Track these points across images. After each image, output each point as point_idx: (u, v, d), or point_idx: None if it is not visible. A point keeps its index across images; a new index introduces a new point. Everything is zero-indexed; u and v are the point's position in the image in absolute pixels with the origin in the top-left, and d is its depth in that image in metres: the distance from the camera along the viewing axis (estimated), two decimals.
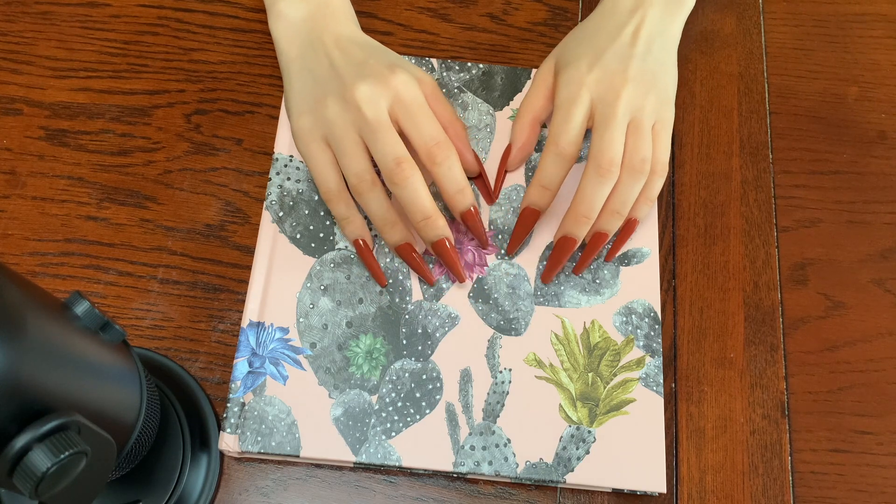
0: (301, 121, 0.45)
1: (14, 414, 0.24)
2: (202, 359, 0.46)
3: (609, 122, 0.43)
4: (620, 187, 0.44)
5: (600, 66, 0.45)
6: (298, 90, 0.46)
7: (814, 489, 0.45)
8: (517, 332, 0.46)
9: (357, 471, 0.44)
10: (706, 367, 0.47)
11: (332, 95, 0.44)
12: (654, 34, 0.47)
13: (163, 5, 0.55)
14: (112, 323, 0.31)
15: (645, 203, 0.46)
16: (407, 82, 0.44)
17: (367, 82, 0.43)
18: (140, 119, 0.52)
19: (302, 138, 0.45)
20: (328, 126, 0.44)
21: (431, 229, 0.43)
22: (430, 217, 0.43)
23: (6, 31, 0.54)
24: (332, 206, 0.45)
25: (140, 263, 0.48)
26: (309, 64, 0.46)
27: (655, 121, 0.45)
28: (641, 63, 0.45)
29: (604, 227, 0.45)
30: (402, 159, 0.42)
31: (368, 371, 0.44)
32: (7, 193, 0.49)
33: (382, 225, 0.44)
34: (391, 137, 0.43)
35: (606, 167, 0.43)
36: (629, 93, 0.44)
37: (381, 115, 0.43)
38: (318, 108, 0.44)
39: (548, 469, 0.42)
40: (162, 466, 0.41)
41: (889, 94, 0.55)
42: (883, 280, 0.50)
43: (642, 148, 0.44)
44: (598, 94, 0.44)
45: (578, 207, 0.44)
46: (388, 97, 0.43)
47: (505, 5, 0.57)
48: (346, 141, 0.43)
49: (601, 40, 0.46)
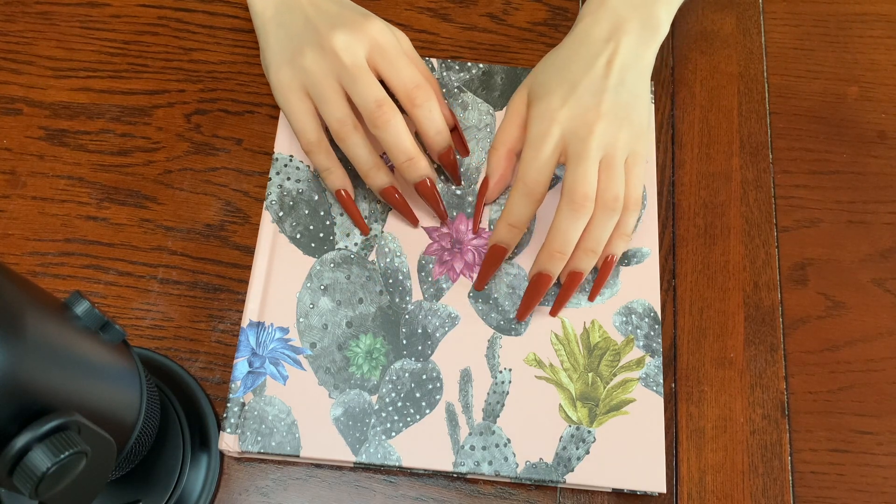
0: (280, 74, 0.46)
1: (14, 414, 0.24)
2: (202, 359, 0.46)
3: (582, 157, 0.43)
4: (594, 225, 0.43)
5: (573, 101, 0.44)
6: (274, 46, 0.47)
7: (814, 489, 0.45)
8: (517, 332, 0.46)
9: (357, 471, 0.44)
10: (706, 367, 0.47)
11: (309, 45, 0.45)
12: (628, 64, 0.45)
13: (163, 5, 0.55)
14: (112, 323, 0.31)
15: (620, 239, 0.45)
16: (383, 29, 0.45)
17: (344, 30, 0.44)
18: (140, 119, 0.52)
19: (281, 90, 0.46)
20: (307, 75, 0.44)
21: (414, 170, 0.44)
22: (413, 158, 0.44)
23: (6, 31, 0.54)
24: (313, 156, 0.46)
25: (140, 263, 0.48)
26: (284, 20, 0.47)
27: (628, 154, 0.44)
28: (615, 96, 0.44)
29: (578, 266, 0.44)
30: (383, 101, 0.43)
31: (368, 371, 0.44)
32: (7, 193, 0.49)
33: (367, 169, 0.45)
34: (370, 81, 0.43)
35: (580, 202, 0.42)
36: (602, 128, 0.43)
37: (360, 61, 0.44)
38: (296, 59, 0.45)
39: (548, 469, 0.42)
40: (162, 466, 0.41)
41: (889, 94, 0.55)
42: (883, 280, 0.50)
43: (614, 185, 0.43)
44: (571, 130, 0.44)
45: (553, 243, 0.43)
46: (366, 44, 0.44)
47: (505, 5, 0.57)
48: (326, 88, 0.44)
49: (574, 71, 0.45)
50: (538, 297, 0.45)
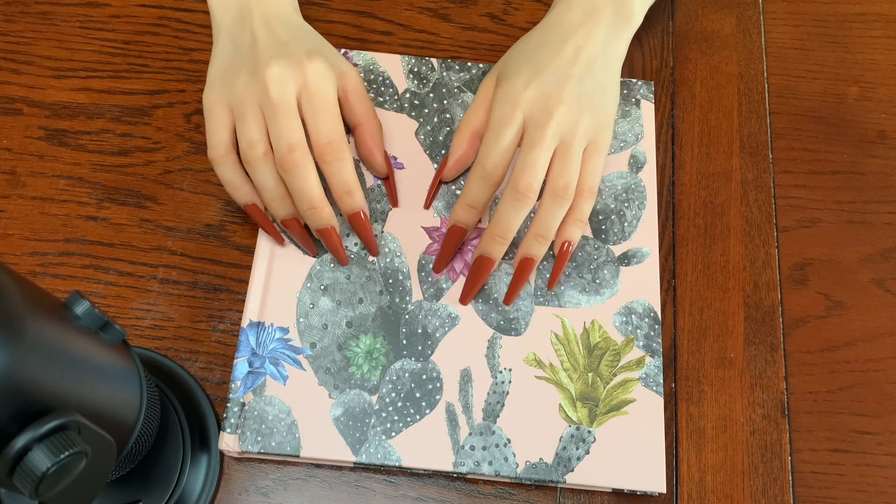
0: (213, 89, 0.45)
1: (14, 414, 0.24)
2: (202, 359, 0.46)
3: (535, 145, 0.43)
4: (542, 212, 0.43)
5: (536, 85, 0.44)
6: (219, 58, 0.46)
7: (814, 489, 0.45)
8: (517, 332, 0.46)
9: (357, 471, 0.44)
10: (706, 367, 0.47)
11: (246, 69, 0.44)
12: (596, 54, 0.45)
13: (163, 5, 0.55)
14: (112, 323, 0.31)
15: (574, 225, 0.45)
16: (320, 73, 0.44)
17: (281, 63, 0.43)
18: (140, 119, 0.52)
19: (207, 103, 0.45)
20: (234, 96, 0.44)
21: (317, 219, 0.44)
22: (317, 207, 0.43)
23: (6, 31, 0.54)
24: (218, 167, 0.44)
25: (140, 263, 0.48)
26: (235, 35, 0.46)
27: (588, 143, 0.44)
28: (579, 84, 0.44)
29: (529, 251, 0.44)
30: (296, 146, 0.42)
31: (368, 371, 0.44)
32: (7, 193, 0.49)
33: (270, 199, 0.44)
34: (290, 122, 0.42)
35: (523, 191, 0.42)
36: (561, 114, 0.43)
37: (286, 98, 0.43)
38: (230, 79, 0.44)
39: (548, 469, 0.42)
40: (162, 466, 0.41)
41: (889, 94, 0.55)
42: (883, 280, 0.50)
43: (566, 173, 0.43)
44: (531, 114, 0.43)
45: (494, 227, 0.43)
46: (298, 83, 0.43)
47: (505, 5, 0.57)
48: (247, 109, 0.43)
49: (543, 56, 0.45)
50: (480, 280, 0.45)
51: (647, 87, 0.53)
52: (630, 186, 0.50)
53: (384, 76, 0.52)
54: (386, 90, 0.52)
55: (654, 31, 0.56)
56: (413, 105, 0.51)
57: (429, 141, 0.50)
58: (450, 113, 0.51)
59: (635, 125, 0.52)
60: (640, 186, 0.50)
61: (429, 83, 0.52)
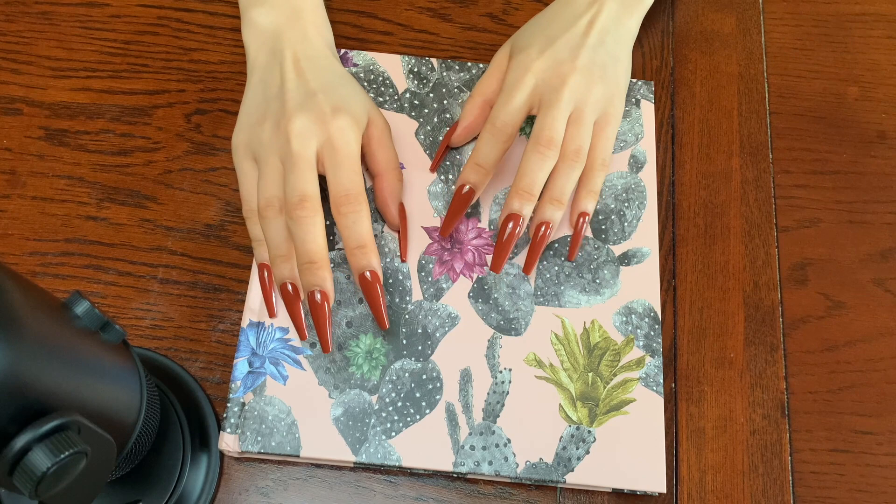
0: (239, 136, 0.45)
1: (14, 414, 0.24)
2: (202, 359, 0.46)
3: (552, 105, 0.44)
4: (556, 174, 0.45)
5: (550, 53, 0.46)
6: (249, 101, 0.46)
7: (814, 489, 0.45)
8: (517, 332, 0.46)
9: (357, 471, 0.44)
10: (706, 367, 0.47)
11: (271, 118, 0.44)
12: (608, 27, 0.47)
13: (163, 5, 0.55)
14: (112, 323, 0.31)
15: (588, 196, 0.47)
16: (343, 128, 0.43)
17: (305, 117, 0.43)
18: (140, 119, 0.52)
19: (236, 153, 0.45)
20: (259, 145, 0.44)
21: (311, 274, 0.42)
22: (315, 263, 0.42)
23: (6, 31, 0.54)
24: (249, 224, 0.45)
25: (140, 263, 0.48)
26: (266, 78, 0.46)
27: (600, 114, 0.46)
28: (591, 54, 0.46)
29: (545, 216, 0.46)
30: (307, 198, 0.41)
31: (368, 371, 0.44)
32: (7, 193, 0.49)
33: (275, 255, 0.43)
34: (306, 175, 0.42)
35: (545, 144, 0.44)
36: (575, 81, 0.45)
37: (306, 152, 0.42)
38: (257, 127, 0.44)
39: (548, 469, 0.42)
40: (162, 466, 0.41)
41: (889, 94, 0.55)
42: (883, 280, 0.50)
43: (578, 137, 0.45)
44: (544, 80, 0.45)
45: (520, 182, 0.44)
46: (321, 138, 0.43)
47: (505, 5, 0.57)
48: (267, 165, 0.43)
49: (555, 29, 0.47)
50: (509, 246, 0.45)
51: (647, 87, 0.53)
52: (630, 186, 0.50)
53: (384, 76, 0.52)
54: (386, 90, 0.52)
55: (654, 31, 0.56)
56: (413, 105, 0.51)
57: (429, 141, 0.50)
58: (450, 113, 0.51)
59: (635, 125, 0.52)
60: (640, 186, 0.50)
61: (429, 83, 0.52)
